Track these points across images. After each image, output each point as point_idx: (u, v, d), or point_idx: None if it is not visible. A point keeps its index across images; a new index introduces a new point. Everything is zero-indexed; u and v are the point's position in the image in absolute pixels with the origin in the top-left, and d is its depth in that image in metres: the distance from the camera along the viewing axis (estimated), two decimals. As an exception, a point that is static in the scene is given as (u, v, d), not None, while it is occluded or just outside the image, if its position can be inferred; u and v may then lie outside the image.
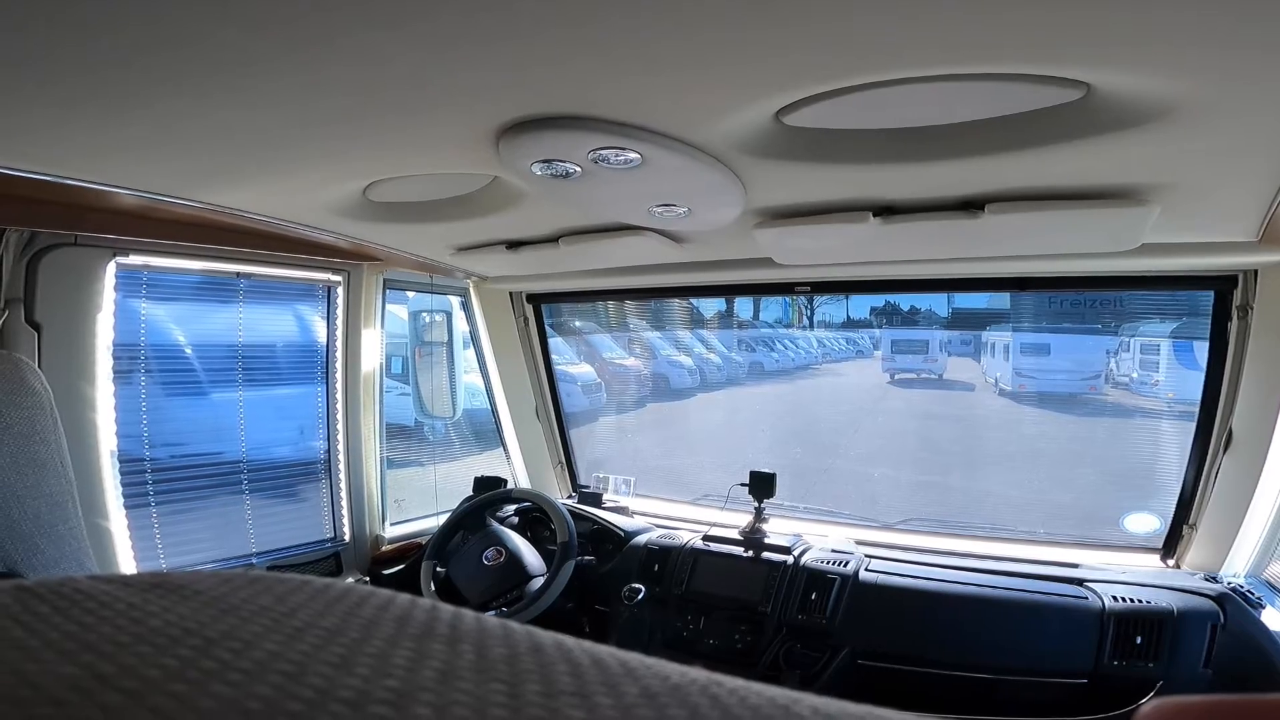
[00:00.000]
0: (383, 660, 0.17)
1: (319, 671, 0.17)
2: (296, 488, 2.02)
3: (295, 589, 0.22)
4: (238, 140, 0.92)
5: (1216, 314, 1.57)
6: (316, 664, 0.17)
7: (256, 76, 0.71)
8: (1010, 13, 0.57)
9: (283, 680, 0.16)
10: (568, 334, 4.08)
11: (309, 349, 2.02)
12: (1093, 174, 0.99)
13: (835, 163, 0.97)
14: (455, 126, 0.88)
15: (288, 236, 1.52)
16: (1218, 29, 0.56)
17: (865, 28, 0.60)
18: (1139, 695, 1.39)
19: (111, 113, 0.81)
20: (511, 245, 1.63)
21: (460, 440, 3.35)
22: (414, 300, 2.26)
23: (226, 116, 0.83)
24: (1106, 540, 1.89)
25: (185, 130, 0.88)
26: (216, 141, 0.93)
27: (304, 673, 0.16)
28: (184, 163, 1.02)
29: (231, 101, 0.78)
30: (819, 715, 0.16)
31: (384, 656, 0.18)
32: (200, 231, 1.51)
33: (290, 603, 0.20)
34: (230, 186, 1.17)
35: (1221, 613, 1.43)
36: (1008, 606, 1.54)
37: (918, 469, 5.37)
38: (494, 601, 1.82)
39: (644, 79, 0.73)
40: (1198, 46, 0.59)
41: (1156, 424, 4.55)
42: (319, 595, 0.21)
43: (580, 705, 0.16)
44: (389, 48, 0.65)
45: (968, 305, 6.57)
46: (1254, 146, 0.84)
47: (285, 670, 0.17)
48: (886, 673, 1.57)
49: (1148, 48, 0.60)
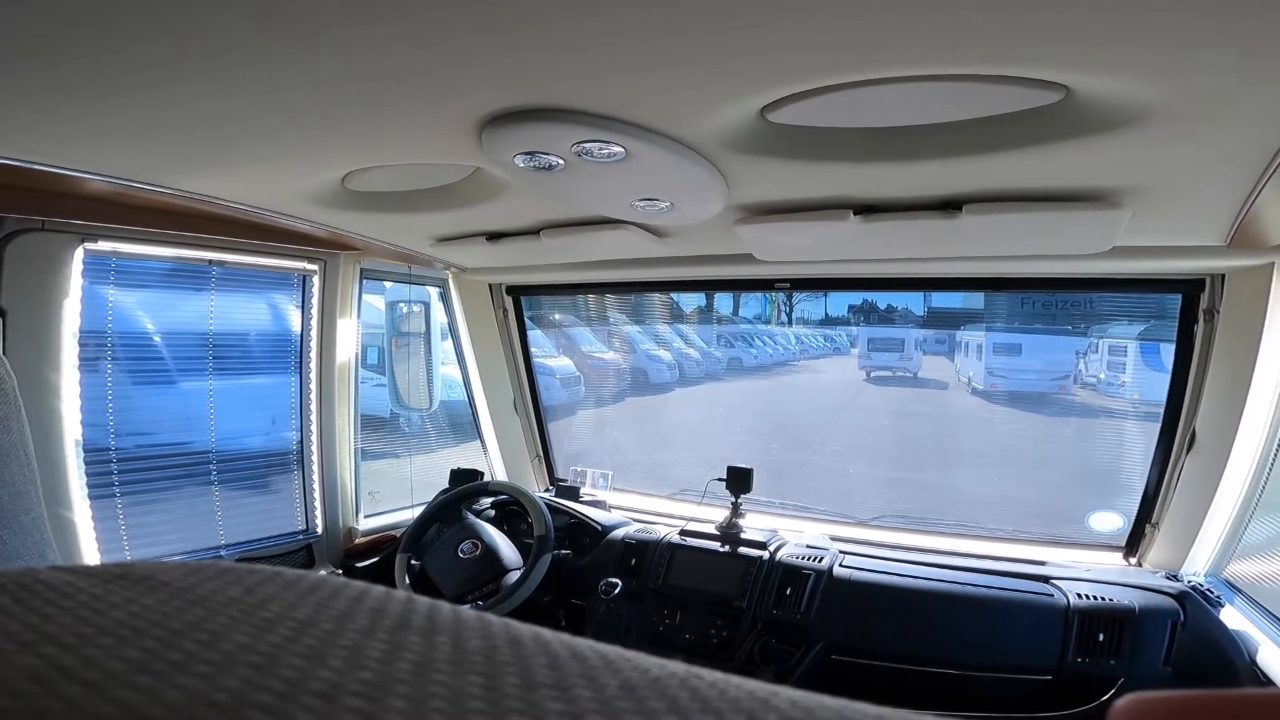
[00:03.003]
0: (356, 652, 0.17)
1: (290, 663, 0.16)
2: (268, 479, 1.99)
3: (266, 580, 0.21)
4: (214, 128, 0.90)
5: (1183, 317, 1.60)
6: (288, 656, 0.17)
7: (235, 65, 0.70)
8: (992, 14, 0.57)
9: (252, 672, 0.16)
10: (547, 326, 4.06)
11: (282, 338, 1.99)
12: (1069, 176, 1.00)
13: (817, 160, 0.98)
14: (438, 117, 0.87)
15: (263, 224, 1.49)
16: (1196, 34, 0.57)
17: (849, 27, 0.61)
18: (1101, 692, 1.43)
19: (83, 99, 0.79)
20: (492, 237, 1.62)
21: (437, 432, 3.32)
22: (391, 290, 2.23)
23: (203, 104, 0.81)
24: (1072, 538, 1.93)
25: (159, 117, 0.86)
26: (192, 129, 0.90)
27: (274, 665, 0.16)
28: (158, 149, 0.99)
29: (209, 89, 0.77)
30: (796, 708, 0.16)
31: (358, 649, 0.17)
32: (173, 218, 1.48)
33: (260, 594, 0.20)
34: (204, 174, 1.14)
35: (1182, 611, 1.46)
36: (977, 603, 1.57)
37: (892, 466, 5.44)
38: (470, 595, 1.81)
39: (630, 73, 0.72)
40: (1176, 51, 0.60)
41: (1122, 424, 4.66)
42: (291, 587, 0.21)
43: (559, 698, 0.16)
44: (371, 38, 0.64)
45: (943, 305, 6.67)
46: (1227, 152, 0.86)
47: (255, 662, 0.16)
48: (859, 668, 1.60)
49: (1127, 51, 0.61)
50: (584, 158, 0.92)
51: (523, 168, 0.96)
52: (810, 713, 0.16)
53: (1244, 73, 0.63)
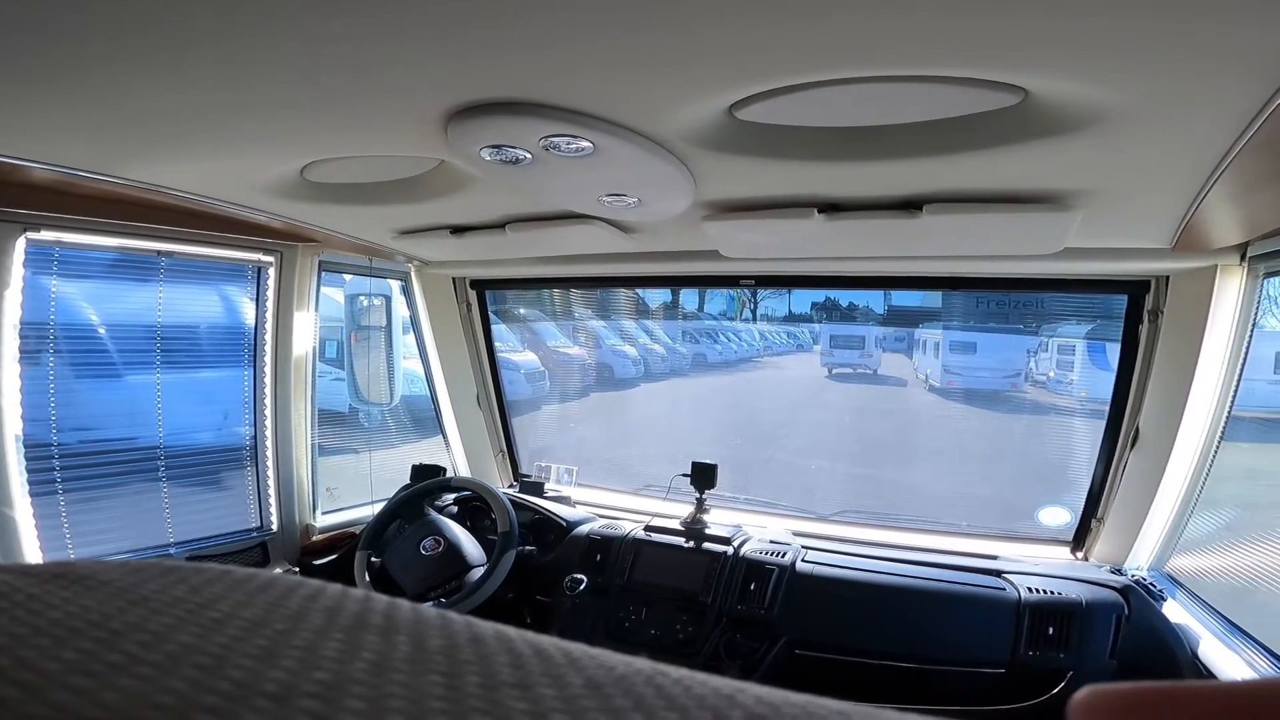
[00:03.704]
0: (311, 652, 0.17)
1: (239, 664, 0.16)
2: (220, 475, 1.94)
3: (214, 579, 0.21)
4: (166, 117, 0.87)
5: (1129, 318, 1.66)
6: (237, 657, 0.16)
7: (189, 52, 0.67)
8: (954, 17, 0.58)
9: (198, 673, 0.15)
10: (512, 321, 4.03)
11: (236, 331, 1.93)
12: (1025, 178, 1.03)
13: (784, 158, 0.99)
14: (403, 109, 0.85)
15: (216, 215, 1.45)
16: (1148, 38, 0.59)
17: (816, 28, 0.61)
18: (1052, 685, 1.47)
19: (28, 86, 0.75)
20: (456, 230, 1.60)
21: (398, 427, 3.26)
22: (351, 283, 2.18)
23: (157, 94, 0.78)
24: (1022, 533, 1.99)
25: (109, 105, 0.83)
26: (142, 118, 0.87)
27: (222, 666, 0.16)
28: (108, 139, 0.96)
29: (161, 77, 0.74)
30: (762, 704, 0.16)
31: (312, 649, 0.17)
32: (120, 208, 1.42)
33: (208, 594, 0.19)
34: (156, 163, 1.10)
35: (1126, 605, 1.51)
36: (934, 598, 1.60)
37: (852, 462, 5.55)
38: (432, 592, 1.79)
39: (600, 67, 0.72)
40: (1129, 55, 0.62)
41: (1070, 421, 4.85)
42: (240, 586, 0.20)
43: (522, 696, 0.16)
44: (335, 29, 0.62)
45: (903, 303, 6.83)
46: (1174, 157, 0.90)
47: (201, 663, 0.16)
48: (822, 662, 1.62)
49: (1083, 54, 0.63)
50: (552, 152, 0.91)
51: (489, 161, 0.95)
52: (775, 709, 0.16)
53: (1192, 77, 0.66)
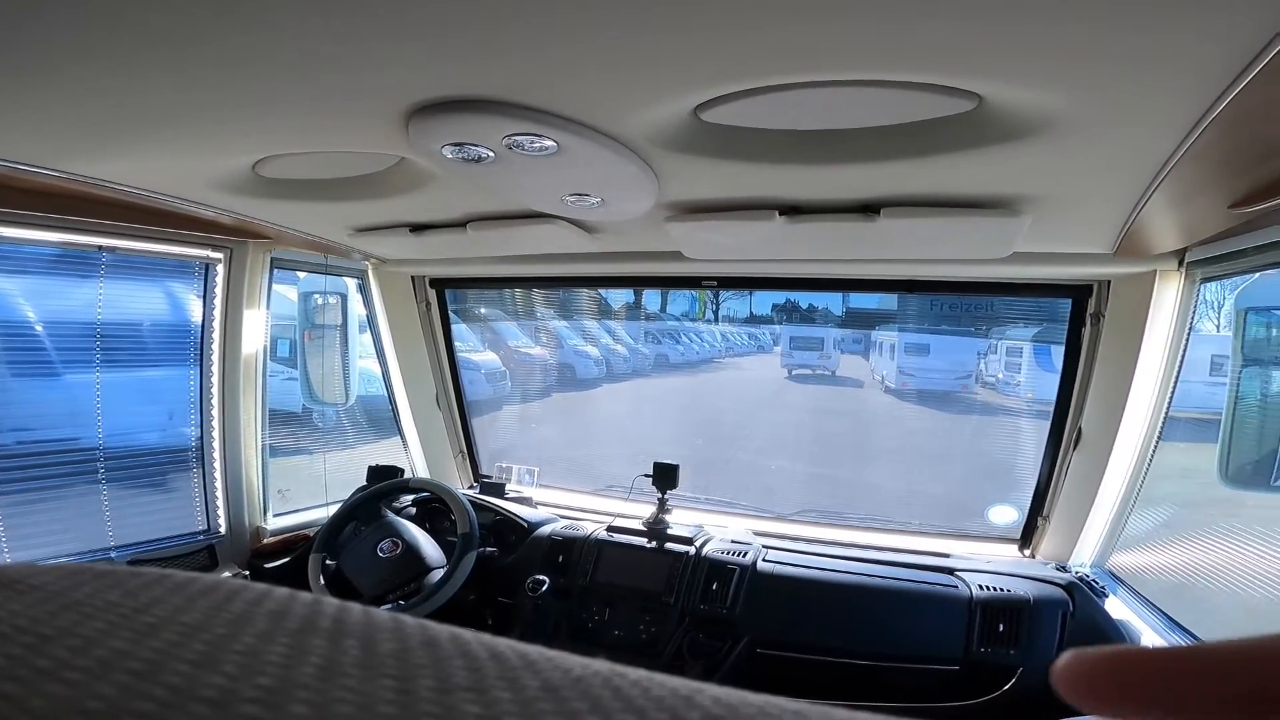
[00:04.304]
0: (253, 657, 0.16)
1: (176, 670, 0.15)
2: (164, 477, 1.89)
3: (151, 583, 0.20)
4: (112, 111, 0.83)
5: (1072, 321, 1.72)
6: (173, 662, 0.16)
7: (136, 45, 0.64)
8: (913, 23, 0.60)
9: (131, 679, 0.15)
10: (472, 320, 3.98)
11: (182, 329, 1.88)
12: (977, 183, 1.06)
13: (747, 161, 1.00)
14: (363, 106, 0.83)
15: (162, 210, 1.39)
16: (1096, 45, 0.62)
17: (777, 31, 0.62)
18: (1003, 681, 1.51)
19: None
20: (416, 228, 1.57)
21: (354, 428, 3.20)
22: (305, 281, 2.13)
23: (99, 86, 0.75)
24: (973, 531, 2.04)
25: (51, 99, 0.79)
26: (86, 110, 0.83)
27: (157, 671, 0.15)
28: (48, 133, 0.92)
29: (106, 71, 0.70)
30: (720, 705, 0.16)
31: (255, 653, 0.16)
32: (59, 202, 1.37)
33: (143, 598, 0.19)
34: (100, 158, 1.06)
35: (1071, 601, 1.56)
36: (891, 596, 1.64)
37: (811, 462, 5.64)
38: (390, 594, 1.76)
39: (565, 67, 0.71)
40: (1078, 62, 0.65)
41: (1018, 422, 5.02)
42: (179, 590, 0.20)
43: (476, 700, 0.16)
44: (290, 22, 0.61)
45: (860, 305, 6.98)
46: (1117, 165, 0.93)
47: (134, 669, 0.15)
48: (783, 661, 1.64)
49: (1033, 62, 0.65)
50: (515, 150, 0.90)
51: (451, 159, 0.94)
52: (733, 709, 0.16)
53: (1135, 86, 0.69)
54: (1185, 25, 0.56)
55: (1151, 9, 0.54)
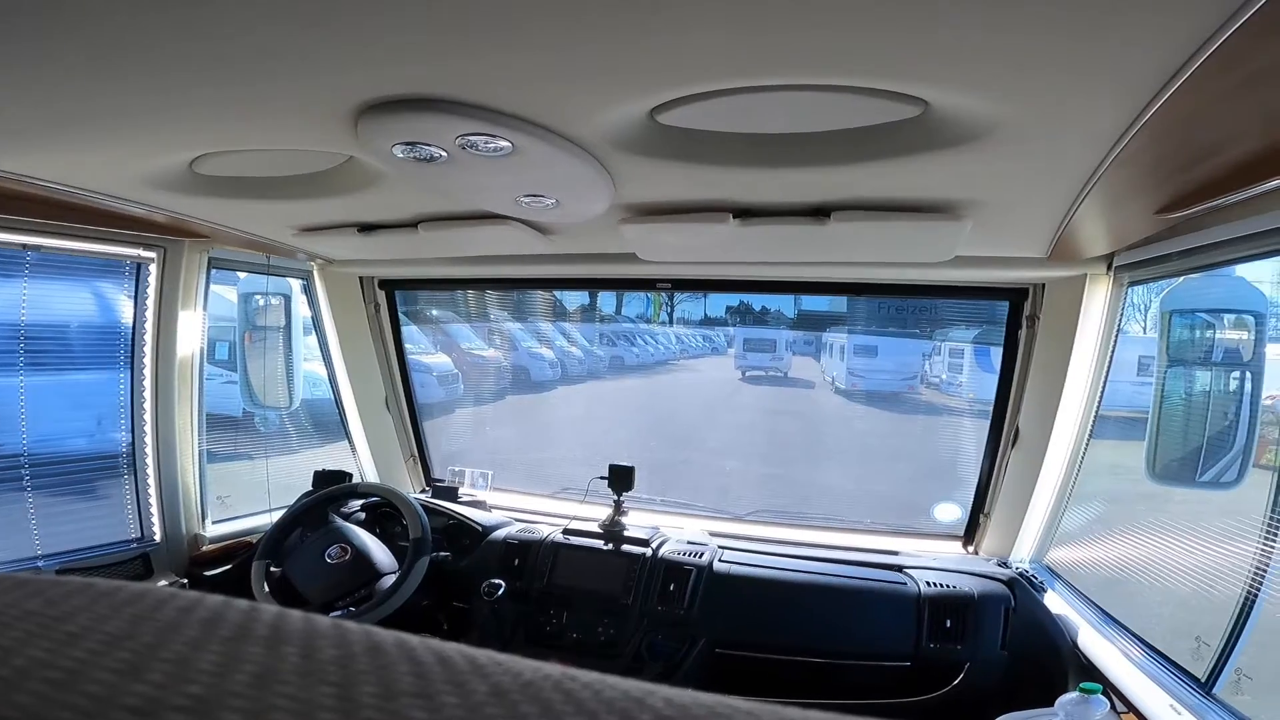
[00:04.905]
0: (182, 665, 0.16)
1: (98, 679, 0.15)
2: (94, 483, 1.82)
3: (73, 592, 0.19)
4: (36, 104, 0.79)
5: (1010, 323, 1.79)
6: (95, 671, 0.15)
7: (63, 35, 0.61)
8: (863, 31, 0.62)
9: (48, 689, 0.14)
10: (423, 322, 3.90)
11: (112, 331, 1.80)
12: (922, 188, 1.10)
13: (702, 163, 1.01)
14: (309, 102, 0.81)
15: (90, 208, 1.32)
16: (1031, 57, 0.64)
17: (731, 35, 0.63)
18: (953, 676, 1.55)
19: None
20: (364, 228, 1.53)
21: (298, 432, 3.09)
22: (245, 281, 2.06)
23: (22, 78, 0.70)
24: (920, 528, 2.10)
25: None
26: (10, 107, 0.78)
27: (77, 680, 0.15)
28: None
29: (31, 62, 0.66)
30: (672, 706, 0.16)
31: (184, 661, 0.16)
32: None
33: (65, 607, 0.18)
34: (22, 154, 1.00)
35: (1012, 596, 1.61)
36: (844, 594, 1.67)
37: (765, 462, 5.72)
38: (340, 601, 1.72)
39: (521, 67, 0.71)
40: (1015, 72, 0.68)
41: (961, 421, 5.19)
42: (103, 598, 0.19)
43: (423, 706, 0.15)
44: (231, 14, 0.58)
45: (812, 307, 7.11)
46: (1051, 171, 0.98)
47: (53, 679, 0.15)
48: (741, 660, 1.65)
49: (975, 69, 0.68)
50: (469, 151, 0.89)
51: (402, 158, 0.92)
52: (685, 710, 0.16)
53: (1069, 95, 0.72)
54: (1114, 37, 0.59)
55: (1083, 21, 0.57)
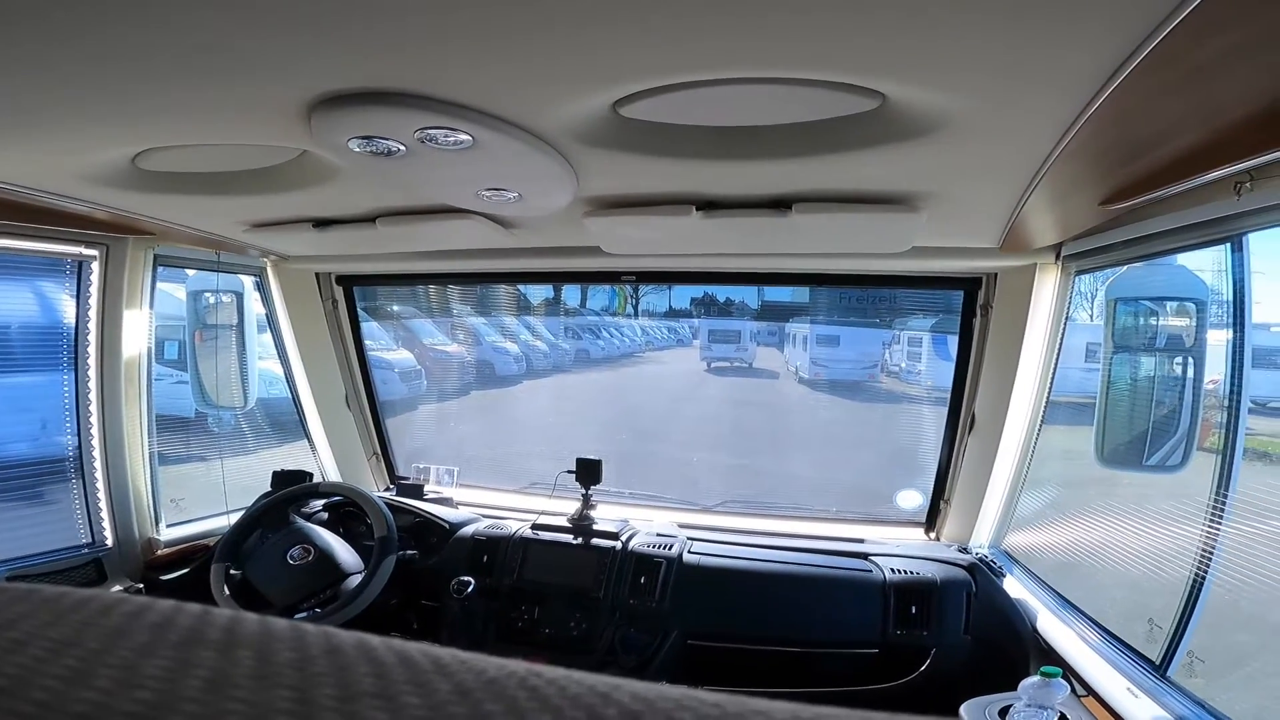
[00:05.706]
0: (130, 671, 0.16)
1: (42, 686, 0.15)
2: (40, 488, 1.76)
3: (16, 599, 0.19)
4: None
5: (965, 312, 1.83)
6: (39, 679, 0.15)
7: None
8: (822, 25, 0.62)
9: None
10: (384, 318, 3.82)
11: (53, 332, 1.73)
12: (880, 180, 1.12)
13: (664, 156, 1.01)
14: (259, 96, 0.78)
15: (26, 205, 1.26)
16: (983, 51, 0.66)
17: (692, 28, 0.63)
18: (920, 662, 1.58)
19: None
20: (320, 224, 1.49)
21: (255, 432, 3.01)
22: (194, 279, 1.99)
23: None
24: (883, 516, 2.14)
25: None
26: None
27: (21, 688, 0.14)
28: None
29: None
30: (638, 700, 0.16)
31: (132, 667, 0.16)
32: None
33: (7, 614, 0.18)
34: None
35: (973, 582, 1.65)
36: (812, 583, 1.69)
37: (731, 453, 5.76)
38: (304, 603, 1.68)
39: (481, 60, 0.69)
40: (968, 66, 0.69)
41: (920, 409, 5.32)
42: (48, 605, 0.19)
43: (384, 707, 0.15)
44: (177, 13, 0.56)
45: (775, 299, 7.19)
46: (1002, 163, 1.00)
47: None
48: (712, 651, 1.66)
49: (930, 61, 0.69)
50: (428, 144, 0.87)
51: (358, 153, 0.89)
52: (650, 704, 0.16)
53: (1019, 88, 0.74)
54: (1061, 35, 0.61)
55: (1033, 20, 0.59)
